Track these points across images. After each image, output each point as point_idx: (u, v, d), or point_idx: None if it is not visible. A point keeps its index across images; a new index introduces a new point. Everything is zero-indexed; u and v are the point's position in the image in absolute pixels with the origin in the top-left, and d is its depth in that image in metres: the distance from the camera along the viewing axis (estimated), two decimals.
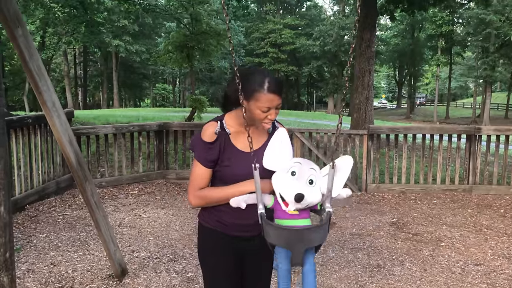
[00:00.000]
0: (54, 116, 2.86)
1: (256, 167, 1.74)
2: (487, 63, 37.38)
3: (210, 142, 1.89)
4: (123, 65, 43.05)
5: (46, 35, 31.25)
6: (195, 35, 18.82)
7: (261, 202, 1.76)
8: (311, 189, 1.73)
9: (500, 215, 5.71)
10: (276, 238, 1.71)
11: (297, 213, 1.76)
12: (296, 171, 1.74)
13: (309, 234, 1.70)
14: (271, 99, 1.82)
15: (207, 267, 2.07)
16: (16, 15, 2.44)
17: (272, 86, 1.82)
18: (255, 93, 1.81)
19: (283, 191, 1.74)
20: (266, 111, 1.85)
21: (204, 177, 1.93)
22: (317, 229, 1.71)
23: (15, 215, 5.08)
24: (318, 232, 1.71)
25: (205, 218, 2.03)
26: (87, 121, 13.33)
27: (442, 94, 60.38)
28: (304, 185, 1.71)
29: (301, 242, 1.68)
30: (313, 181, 1.73)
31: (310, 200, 1.72)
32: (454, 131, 7.04)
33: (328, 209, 1.74)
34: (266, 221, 1.71)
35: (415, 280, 3.74)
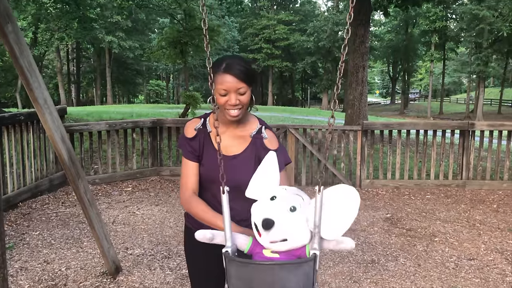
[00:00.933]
0: (46, 113, 2.83)
1: (225, 191, 1.47)
2: (480, 59, 37.55)
3: (190, 138, 1.86)
4: (117, 61, 42.84)
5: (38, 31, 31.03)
6: (188, 31, 18.72)
7: (230, 240, 1.46)
8: (292, 217, 1.36)
9: (493, 210, 5.74)
10: (238, 280, 1.36)
11: (278, 257, 1.41)
12: (277, 196, 1.42)
13: (280, 272, 1.30)
14: (226, 80, 1.69)
15: (190, 267, 2.05)
16: (6, 10, 2.41)
17: (229, 67, 1.70)
18: (214, 76, 1.69)
19: (255, 216, 1.41)
20: (224, 95, 1.71)
21: (192, 173, 1.86)
22: (292, 267, 1.31)
23: (7, 212, 5.05)
24: (295, 274, 1.30)
25: (189, 219, 1.99)
26: (81, 118, 13.25)
27: (436, 90, 60.60)
28: (282, 211, 1.36)
29: (270, 285, 1.30)
30: (296, 208, 1.37)
31: (287, 232, 1.36)
32: (447, 127, 7.06)
33: (314, 250, 1.35)
34: (230, 258, 1.39)
35: (409, 275, 3.75)
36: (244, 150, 1.84)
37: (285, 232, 1.35)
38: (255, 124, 1.89)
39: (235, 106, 1.73)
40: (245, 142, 1.85)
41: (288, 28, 47.52)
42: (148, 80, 52.29)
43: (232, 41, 43.76)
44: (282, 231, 1.35)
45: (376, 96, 79.48)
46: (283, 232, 1.35)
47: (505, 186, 6.65)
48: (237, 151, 1.83)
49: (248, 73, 1.73)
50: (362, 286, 3.56)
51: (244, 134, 1.85)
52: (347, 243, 1.42)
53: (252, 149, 1.83)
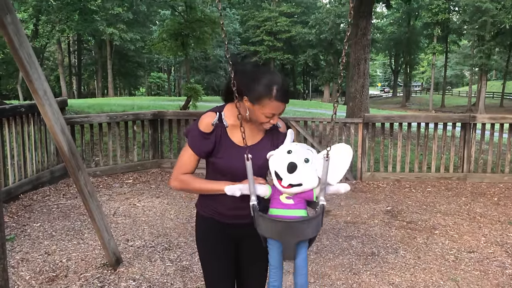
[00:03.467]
0: (46, 105, 2.83)
1: (249, 158, 1.73)
2: (482, 52, 37.43)
3: (206, 133, 1.89)
4: (118, 53, 42.72)
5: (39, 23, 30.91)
6: (189, 23, 18.66)
7: (254, 194, 1.74)
8: (307, 167, 1.69)
9: (494, 203, 5.74)
10: (268, 230, 1.69)
11: (292, 203, 1.73)
12: (292, 150, 1.73)
13: (302, 226, 1.66)
14: (277, 107, 1.81)
15: (203, 253, 2.09)
16: (5, 1, 2.40)
17: (281, 94, 1.79)
18: (262, 99, 1.78)
19: (277, 165, 1.71)
20: (270, 117, 1.84)
21: (192, 164, 1.94)
22: (310, 221, 1.67)
23: (9, 204, 5.06)
24: (311, 225, 1.67)
25: (201, 207, 2.05)
26: (82, 110, 13.25)
27: (438, 83, 60.41)
28: (299, 162, 1.69)
29: (293, 235, 1.65)
30: (309, 160, 1.70)
31: (303, 178, 1.68)
32: (449, 120, 7.04)
33: (322, 202, 1.72)
34: (258, 213, 1.69)
35: (409, 268, 3.76)
36: (260, 140, 1.96)
37: (302, 177, 1.68)
38: None
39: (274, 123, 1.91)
40: (261, 133, 1.97)
41: (289, 20, 47.29)
42: (149, 73, 52.20)
43: (233, 33, 43.62)
44: (300, 176, 1.68)
45: (378, 89, 79.29)
46: (301, 177, 1.68)
47: (506, 179, 6.64)
48: (254, 140, 1.94)
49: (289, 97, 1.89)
50: (362, 278, 3.56)
51: (260, 126, 1.93)
52: (345, 187, 1.81)
53: (269, 137, 1.97)
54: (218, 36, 21.09)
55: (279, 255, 1.75)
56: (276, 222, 1.67)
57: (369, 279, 3.54)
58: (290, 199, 1.74)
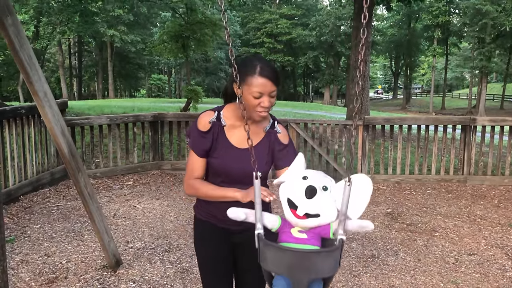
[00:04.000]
0: (46, 107, 2.83)
1: (258, 176, 1.53)
2: (483, 54, 37.43)
3: (204, 131, 1.88)
4: (118, 55, 42.77)
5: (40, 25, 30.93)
6: (190, 25, 18.68)
7: (260, 221, 1.52)
8: (325, 196, 1.45)
9: (494, 205, 5.73)
10: (276, 264, 1.42)
11: (306, 237, 1.49)
12: (308, 176, 1.50)
13: (317, 259, 1.39)
14: (263, 84, 1.75)
15: (200, 256, 2.10)
16: (6, 3, 2.40)
17: (265, 70, 1.75)
18: (247, 78, 1.75)
19: (291, 191, 1.47)
20: (258, 97, 1.76)
21: (198, 166, 1.92)
22: (326, 254, 1.41)
23: (9, 206, 5.06)
24: (328, 260, 1.40)
25: (198, 210, 2.05)
26: (82, 112, 13.25)
27: (438, 85, 60.42)
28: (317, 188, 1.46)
29: (305, 270, 1.38)
30: (328, 188, 1.47)
31: (322, 209, 1.45)
32: (449, 122, 7.04)
33: (341, 236, 1.45)
34: (265, 241, 1.45)
35: (409, 270, 3.76)
36: (258, 142, 1.90)
37: (320, 207, 1.44)
38: (268, 119, 1.96)
39: (267, 108, 1.80)
40: (259, 136, 1.92)
41: (290, 22, 47.34)
42: (150, 74, 52.23)
43: (234, 35, 43.66)
44: (319, 204, 1.44)
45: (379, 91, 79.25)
46: (319, 206, 1.44)
47: (506, 182, 6.64)
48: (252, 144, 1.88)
49: (278, 76, 1.82)
50: (362, 280, 3.56)
51: (258, 128, 1.91)
52: (369, 225, 1.53)
53: (266, 142, 1.92)
54: (218, 38, 21.12)
55: None
56: (286, 252, 1.41)
57: (369, 282, 3.54)
58: (302, 233, 1.49)
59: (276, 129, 1.94)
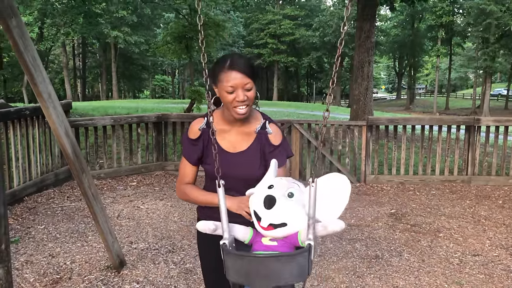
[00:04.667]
0: (50, 108, 2.84)
1: (221, 184, 1.49)
2: (487, 54, 37.26)
3: (194, 139, 1.88)
4: (122, 56, 42.89)
5: (44, 26, 31.07)
6: (193, 26, 18.69)
7: (227, 231, 1.48)
8: (290, 203, 1.40)
9: (499, 205, 5.71)
10: (236, 272, 1.37)
11: (276, 244, 1.44)
12: (274, 184, 1.47)
13: (276, 264, 1.30)
14: (233, 77, 1.69)
15: (203, 258, 2.10)
16: (10, 5, 2.41)
17: (235, 63, 1.70)
18: (219, 74, 1.73)
19: (255, 203, 1.44)
20: (231, 92, 1.71)
21: (189, 172, 1.93)
22: (287, 259, 1.32)
23: (13, 206, 5.08)
24: (290, 265, 1.31)
25: (201, 212, 2.05)
26: (86, 113, 13.29)
27: (442, 85, 60.26)
28: (280, 197, 1.41)
29: (265, 277, 1.31)
30: (294, 194, 1.42)
31: (288, 214, 1.39)
32: (453, 122, 7.02)
33: (309, 241, 1.35)
34: (227, 250, 1.41)
35: (413, 271, 3.75)
36: (249, 146, 1.87)
37: (284, 215, 1.38)
38: (259, 119, 1.91)
39: (243, 103, 1.73)
40: (250, 138, 1.87)
41: (293, 23, 47.31)
42: (153, 75, 52.34)
43: (237, 36, 43.69)
44: (282, 213, 1.38)
45: (382, 91, 79.16)
46: (283, 215, 1.38)
47: (511, 182, 6.61)
48: (243, 147, 1.86)
49: (252, 68, 1.75)
50: (366, 281, 3.55)
51: (249, 130, 1.87)
52: (335, 224, 1.41)
53: (258, 144, 1.86)
54: (222, 39, 21.12)
55: None
56: (243, 258, 1.35)
57: (373, 282, 3.53)
58: (273, 241, 1.45)
59: (267, 129, 1.88)
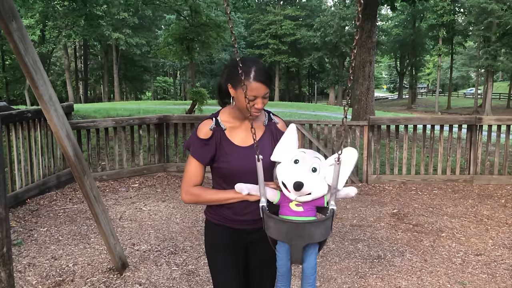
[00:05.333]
0: (51, 110, 2.85)
1: (259, 158, 1.74)
2: (488, 53, 37.21)
3: (206, 139, 1.91)
4: (124, 58, 42.97)
5: (46, 29, 31.15)
6: (195, 27, 18.70)
7: (264, 195, 1.75)
8: (314, 177, 1.68)
9: (501, 205, 5.70)
10: (276, 232, 1.68)
11: (302, 210, 1.72)
12: (299, 159, 1.72)
13: (310, 228, 1.65)
14: (257, 88, 1.82)
15: (212, 260, 2.08)
16: (11, 8, 2.42)
17: (259, 75, 1.82)
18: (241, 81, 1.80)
19: (284, 178, 1.70)
20: (253, 100, 1.83)
21: (199, 173, 1.95)
22: (318, 224, 1.66)
23: (16, 209, 5.10)
24: (320, 227, 1.66)
25: (210, 214, 2.05)
26: (88, 115, 13.32)
27: (444, 84, 60.13)
28: (306, 173, 1.67)
29: (301, 237, 1.63)
30: (317, 169, 1.69)
31: (312, 189, 1.67)
32: (455, 121, 7.01)
33: (332, 206, 1.71)
34: (268, 214, 1.69)
35: (416, 271, 3.74)
36: (260, 137, 1.95)
37: (310, 188, 1.67)
38: (263, 114, 2.02)
39: (261, 109, 1.89)
40: (260, 130, 1.97)
41: (294, 23, 47.31)
42: (155, 77, 52.40)
43: (238, 37, 43.69)
44: (308, 188, 1.66)
45: (384, 91, 79.09)
46: (309, 189, 1.67)
47: None
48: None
49: (271, 78, 1.90)
50: (368, 281, 3.55)
51: (257, 124, 1.95)
52: (353, 190, 1.81)
53: (269, 134, 1.98)
54: (223, 40, 21.12)
55: (288, 260, 1.73)
56: (285, 223, 1.66)
57: (375, 283, 3.53)
58: (299, 206, 1.72)
59: (274, 120, 2.03)
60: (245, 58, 1.90)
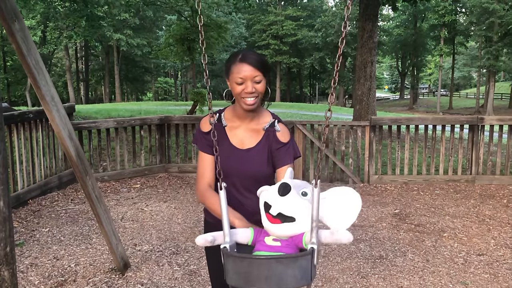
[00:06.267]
0: (53, 111, 2.85)
1: (223, 186, 1.51)
2: (490, 53, 37.18)
3: (207, 132, 1.92)
4: (125, 59, 42.98)
5: (47, 30, 31.20)
6: (195, 27, 18.72)
7: (228, 235, 1.46)
8: (303, 201, 1.38)
9: (503, 205, 5.69)
10: (236, 276, 1.33)
11: (279, 245, 1.41)
12: (289, 183, 1.43)
13: (278, 267, 1.27)
14: (243, 69, 1.78)
15: (209, 260, 2.11)
16: (13, 9, 2.42)
17: (246, 57, 1.80)
18: (231, 67, 1.82)
19: (267, 194, 1.43)
20: (241, 83, 1.79)
21: (208, 165, 1.93)
22: (291, 261, 1.28)
23: (18, 209, 5.10)
24: (291, 268, 1.28)
25: (207, 213, 2.06)
26: (89, 116, 13.33)
27: (445, 85, 60.06)
28: (295, 194, 1.39)
29: (265, 280, 1.27)
30: (307, 194, 1.40)
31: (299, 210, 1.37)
32: (457, 122, 7.00)
33: (313, 245, 1.32)
34: (227, 253, 1.39)
35: (417, 271, 3.74)
36: (257, 143, 1.91)
37: (295, 209, 1.36)
38: (268, 118, 1.95)
39: (252, 94, 1.80)
40: (259, 135, 1.91)
41: (295, 23, 47.31)
42: (156, 78, 52.43)
43: (239, 37, 43.69)
44: (293, 205, 1.36)
45: (385, 92, 79.05)
46: (294, 208, 1.36)
47: None
48: (251, 144, 1.90)
49: (263, 62, 1.83)
50: (370, 281, 3.55)
51: (258, 127, 1.92)
52: (343, 234, 1.39)
53: (266, 142, 1.90)
54: (224, 41, 21.14)
55: None
56: (243, 260, 1.32)
57: (377, 283, 3.52)
58: (277, 241, 1.43)
59: (275, 127, 1.91)
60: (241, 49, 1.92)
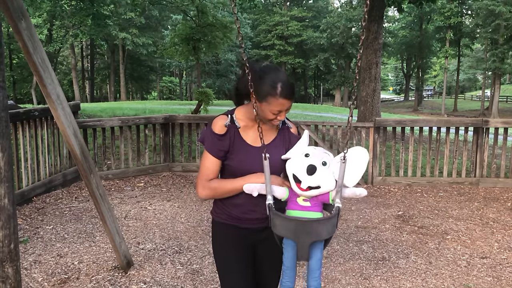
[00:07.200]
0: (59, 109, 2.87)
1: (266, 157, 1.78)
2: (496, 55, 37.01)
3: (221, 135, 1.92)
4: (130, 58, 43.10)
5: (53, 28, 31.33)
6: (201, 27, 18.76)
7: (270, 193, 1.78)
8: (325, 170, 1.73)
9: (507, 208, 5.67)
10: (283, 229, 1.71)
11: (309, 205, 1.77)
12: (310, 153, 1.77)
13: (317, 226, 1.69)
14: (283, 104, 1.85)
15: (220, 260, 2.08)
16: (20, 7, 2.44)
17: (285, 91, 1.84)
18: (268, 97, 1.83)
19: (295, 168, 1.75)
20: (277, 113, 1.88)
21: (214, 168, 1.95)
22: (325, 221, 1.70)
23: (22, 207, 5.13)
24: (326, 225, 1.70)
25: (216, 213, 2.06)
26: (94, 114, 13.37)
27: (450, 87, 59.87)
28: (317, 165, 1.73)
29: (308, 234, 1.67)
30: (327, 163, 1.74)
31: (322, 181, 1.72)
32: (461, 124, 6.98)
33: (338, 204, 1.74)
34: (274, 212, 1.72)
35: (420, 273, 3.73)
36: (273, 140, 1.99)
37: (320, 180, 1.72)
38: None
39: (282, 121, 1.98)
40: (273, 133, 2.01)
41: (301, 24, 47.27)
42: (161, 77, 52.51)
43: (245, 37, 43.70)
44: (319, 178, 1.72)
45: (390, 93, 78.87)
46: (319, 180, 1.72)
47: None
48: (267, 141, 1.96)
49: (295, 92, 1.95)
50: (373, 283, 3.54)
51: (270, 126, 1.99)
52: (362, 192, 1.82)
53: (281, 138, 2.02)
54: (229, 41, 21.16)
55: (294, 256, 1.77)
56: (291, 221, 1.70)
57: (379, 284, 3.52)
58: (307, 201, 1.77)
59: (287, 125, 2.06)
60: (268, 68, 1.90)
